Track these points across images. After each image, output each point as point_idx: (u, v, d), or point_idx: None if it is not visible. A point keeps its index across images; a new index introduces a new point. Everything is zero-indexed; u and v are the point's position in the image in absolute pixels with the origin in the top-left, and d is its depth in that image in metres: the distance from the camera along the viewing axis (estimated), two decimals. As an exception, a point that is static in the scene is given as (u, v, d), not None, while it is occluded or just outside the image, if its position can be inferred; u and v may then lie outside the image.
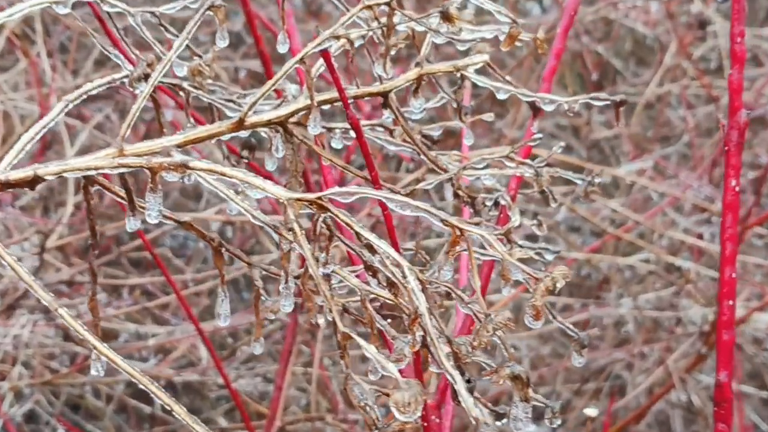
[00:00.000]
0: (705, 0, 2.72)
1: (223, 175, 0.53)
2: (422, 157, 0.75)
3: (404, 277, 0.48)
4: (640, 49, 3.55)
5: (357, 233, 0.50)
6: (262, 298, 0.71)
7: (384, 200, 0.50)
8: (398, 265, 0.48)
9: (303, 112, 0.66)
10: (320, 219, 0.51)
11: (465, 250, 0.51)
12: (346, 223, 0.50)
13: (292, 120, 0.71)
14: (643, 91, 3.15)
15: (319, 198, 0.50)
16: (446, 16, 0.62)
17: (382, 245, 0.49)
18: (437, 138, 0.83)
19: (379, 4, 0.62)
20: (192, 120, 0.76)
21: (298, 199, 0.51)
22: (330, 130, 0.79)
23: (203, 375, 1.99)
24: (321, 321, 0.63)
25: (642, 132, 3.21)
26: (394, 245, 0.70)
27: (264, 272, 0.73)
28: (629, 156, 2.55)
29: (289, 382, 1.70)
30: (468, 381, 0.49)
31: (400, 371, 0.81)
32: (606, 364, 2.54)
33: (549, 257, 0.76)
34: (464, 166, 0.70)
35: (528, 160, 0.72)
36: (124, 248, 1.94)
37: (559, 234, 2.24)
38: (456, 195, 0.77)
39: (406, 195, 0.72)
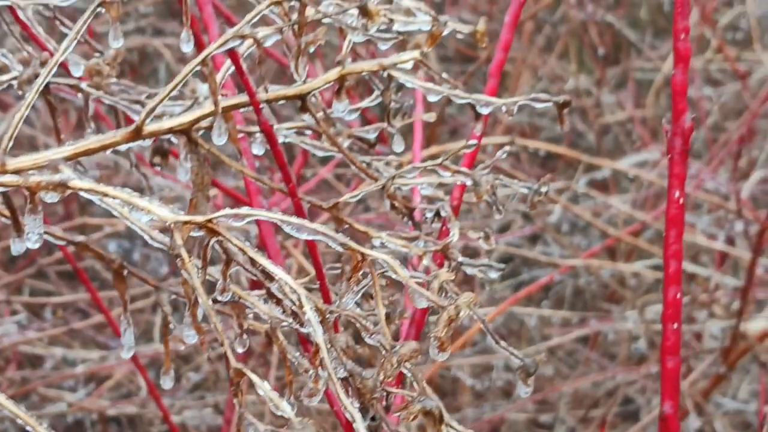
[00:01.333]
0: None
1: (106, 195, 0.57)
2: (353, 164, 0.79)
3: (301, 306, 0.52)
4: (658, 18, 3.59)
5: (251, 259, 0.54)
6: (171, 326, 0.75)
7: (279, 223, 0.54)
8: (295, 293, 0.53)
9: (209, 119, 0.70)
10: (211, 243, 0.55)
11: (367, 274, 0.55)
12: (239, 248, 0.55)
13: (201, 125, 0.75)
14: (661, 66, 3.19)
15: (209, 221, 0.55)
16: (365, 12, 0.67)
17: (278, 272, 0.54)
18: (374, 141, 0.88)
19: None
20: (92, 125, 0.81)
21: (186, 223, 0.55)
22: (250, 134, 0.83)
23: (143, 407, 2.03)
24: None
25: (659, 114, 3.26)
26: (317, 267, 0.75)
27: (174, 296, 0.77)
28: (641, 143, 2.59)
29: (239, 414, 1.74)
30: (373, 419, 0.53)
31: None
32: (617, 387, 2.59)
33: (493, 275, 0.80)
34: (393, 176, 0.75)
35: (464, 169, 0.76)
36: (47, 260, 1.98)
37: (557, 236, 2.28)
38: (392, 206, 0.82)
39: (332, 207, 0.77)
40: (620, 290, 2.20)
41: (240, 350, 0.69)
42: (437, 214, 0.83)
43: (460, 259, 0.79)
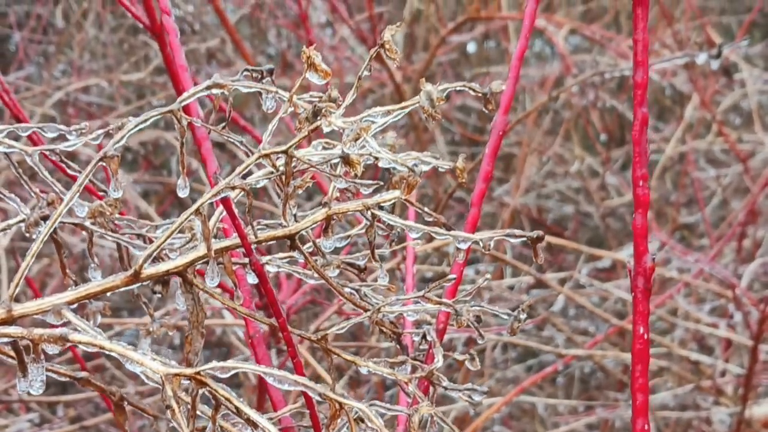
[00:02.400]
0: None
1: (102, 348, 0.61)
2: (344, 295, 0.84)
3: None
4: (662, 100, 3.66)
5: (237, 408, 0.58)
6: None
7: (262, 375, 0.59)
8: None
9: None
10: (199, 393, 0.59)
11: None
12: (226, 398, 0.59)
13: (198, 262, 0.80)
14: (664, 148, 3.25)
15: (198, 373, 0.59)
16: (347, 161, 0.71)
17: (262, 421, 0.57)
18: (363, 267, 0.92)
19: (276, 153, 0.71)
20: (96, 261, 0.85)
21: (176, 375, 0.59)
22: (245, 266, 0.88)
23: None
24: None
25: (664, 195, 3.30)
26: (306, 395, 0.78)
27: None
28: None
29: None
30: None
31: None
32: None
33: (477, 398, 0.84)
34: (378, 307, 0.79)
35: (446, 300, 0.80)
36: (59, 360, 2.02)
37: (562, 323, 2.31)
38: (381, 331, 0.86)
39: (320, 339, 0.81)
40: (625, 378, 2.22)
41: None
42: (424, 337, 0.87)
43: (445, 383, 0.82)
